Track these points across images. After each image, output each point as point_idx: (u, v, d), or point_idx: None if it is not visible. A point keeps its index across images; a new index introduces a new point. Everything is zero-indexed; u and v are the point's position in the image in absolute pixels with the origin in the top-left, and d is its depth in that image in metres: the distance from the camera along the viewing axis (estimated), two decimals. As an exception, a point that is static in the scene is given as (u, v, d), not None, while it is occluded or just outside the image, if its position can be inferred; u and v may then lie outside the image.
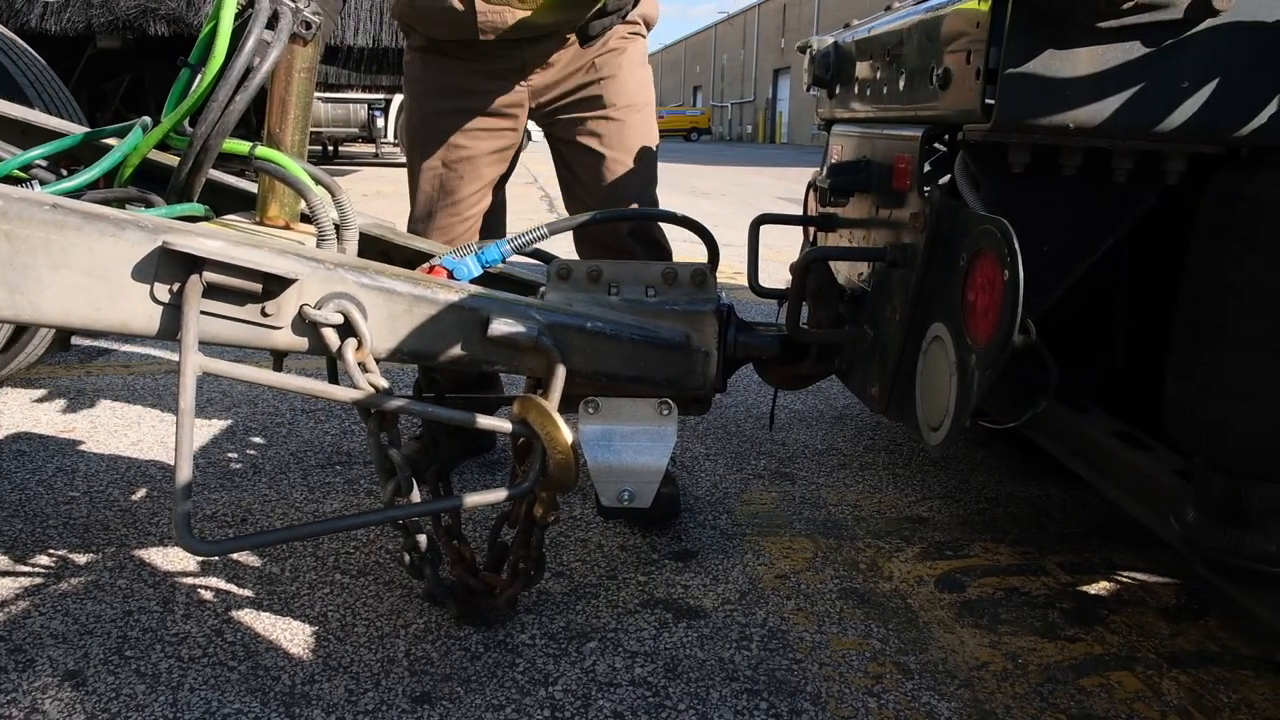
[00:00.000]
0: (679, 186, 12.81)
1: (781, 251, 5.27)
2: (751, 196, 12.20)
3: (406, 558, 1.58)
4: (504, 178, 2.26)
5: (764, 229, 1.94)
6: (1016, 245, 1.11)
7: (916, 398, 1.41)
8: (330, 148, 16.23)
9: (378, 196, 8.67)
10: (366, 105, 14.71)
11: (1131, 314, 1.75)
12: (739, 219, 9.01)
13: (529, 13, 1.93)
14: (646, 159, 2.13)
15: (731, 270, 4.81)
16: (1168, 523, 1.39)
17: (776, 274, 2.47)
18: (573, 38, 2.06)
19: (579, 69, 2.10)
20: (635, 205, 2.12)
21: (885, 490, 2.40)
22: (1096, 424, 1.64)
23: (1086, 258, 1.32)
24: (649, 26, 2.18)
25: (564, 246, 2.07)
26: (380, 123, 14.62)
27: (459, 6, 1.92)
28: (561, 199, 2.29)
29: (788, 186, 13.80)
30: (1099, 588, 1.92)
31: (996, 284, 1.14)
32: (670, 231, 2.14)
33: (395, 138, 14.20)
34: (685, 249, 2.05)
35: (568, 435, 1.41)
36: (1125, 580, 1.96)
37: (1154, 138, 1.20)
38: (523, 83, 2.09)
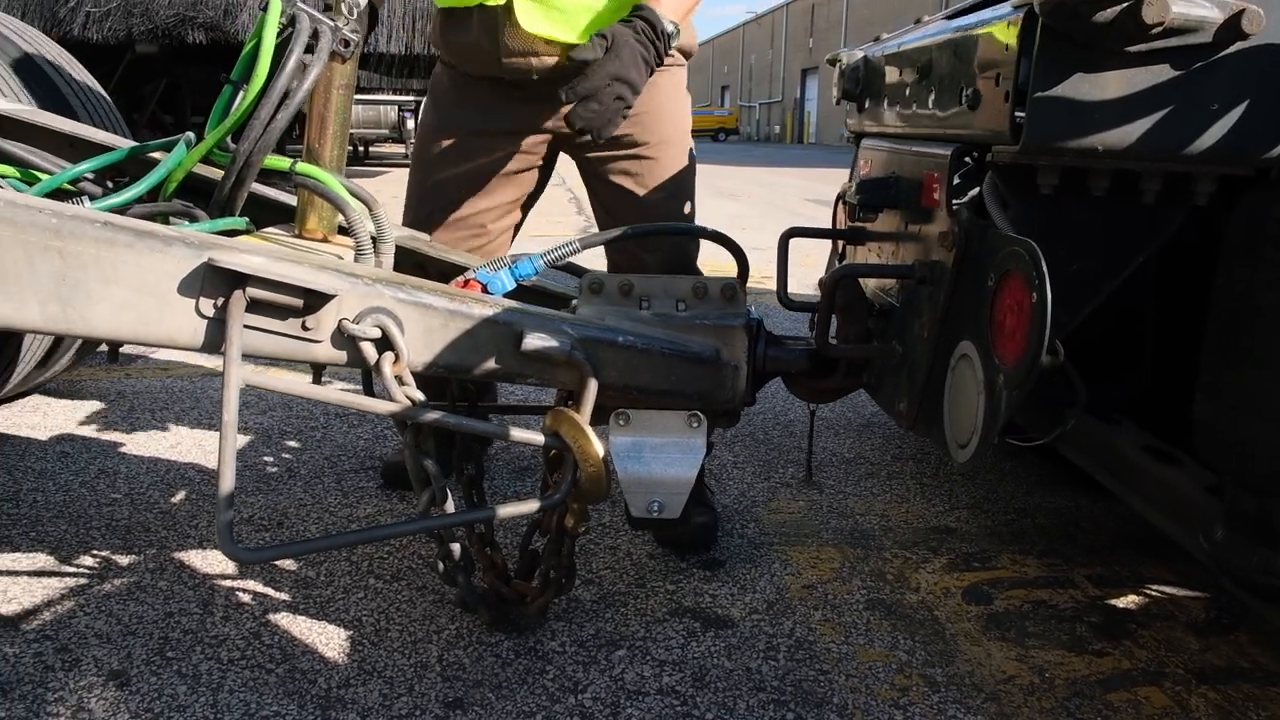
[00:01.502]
0: (706, 188, 12.80)
1: (810, 255, 5.28)
2: (779, 198, 12.19)
3: (440, 565, 1.61)
4: (523, 205, 2.20)
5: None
6: (1045, 268, 1.12)
7: (944, 414, 1.42)
8: (362, 148, 16.41)
9: (408, 198, 8.73)
10: (397, 107, 14.89)
11: (1161, 332, 1.75)
12: (766, 220, 9.01)
13: (555, 58, 1.92)
14: (681, 193, 2.11)
15: (760, 275, 4.82)
16: (1197, 539, 1.39)
17: (806, 278, 2.50)
18: None
19: None
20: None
21: (913, 500, 2.41)
22: (1126, 438, 1.65)
23: (1115, 278, 1.33)
24: (687, 56, 2.13)
25: (597, 259, 2.10)
26: (410, 124, 14.78)
27: (486, 47, 1.93)
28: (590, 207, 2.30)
29: (815, 188, 13.78)
30: (1128, 601, 1.93)
31: (1024, 306, 1.15)
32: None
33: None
34: (712, 254, 2.06)
35: (599, 449, 1.44)
36: (1154, 594, 1.96)
37: (1183, 160, 1.20)
38: (552, 114, 2.04)
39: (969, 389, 1.32)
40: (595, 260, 2.13)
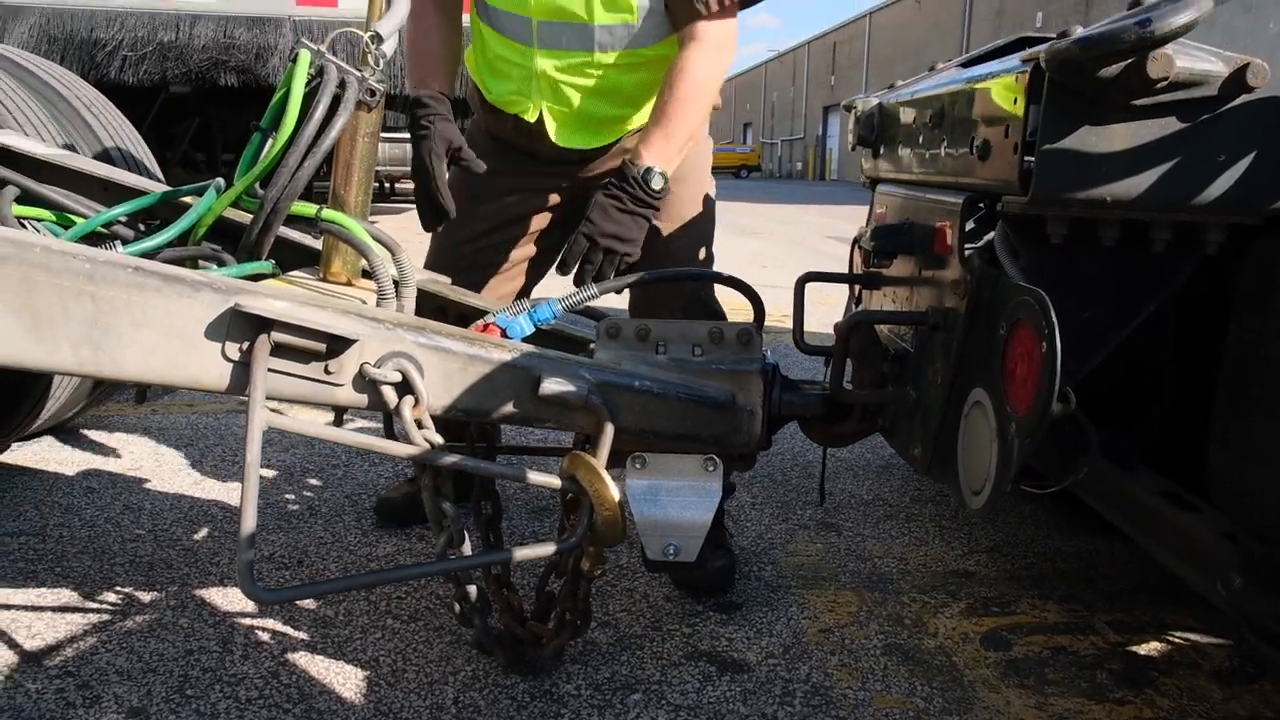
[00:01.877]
0: (728, 225, 12.87)
1: (830, 295, 5.30)
2: (801, 235, 12.23)
3: (456, 606, 1.63)
4: (548, 250, 2.25)
5: (813, 268, 1.97)
6: (1054, 318, 1.13)
7: (958, 461, 1.43)
8: (388, 185, 16.62)
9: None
10: (423, 145, 15.07)
11: (1177, 379, 1.75)
12: (788, 258, 9.04)
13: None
14: (699, 238, 2.15)
15: (779, 313, 4.83)
16: (1215, 586, 1.38)
17: (827, 316, 2.51)
18: None
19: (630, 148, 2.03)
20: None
21: (931, 543, 2.41)
22: (1143, 483, 1.64)
23: (1126, 327, 1.34)
24: (714, 108, 2.16)
25: (618, 301, 2.13)
26: (436, 162, 14.95)
27: (523, 143, 2.09)
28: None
29: (837, 225, 13.81)
30: (1149, 648, 1.91)
31: (1035, 355, 1.17)
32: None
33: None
34: (731, 294, 2.08)
35: (615, 494, 1.45)
36: (1176, 641, 1.94)
37: (1192, 210, 1.22)
38: (582, 172, 2.15)
39: (982, 436, 1.33)
40: (615, 303, 2.16)
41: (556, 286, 1.80)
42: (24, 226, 1.79)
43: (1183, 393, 1.72)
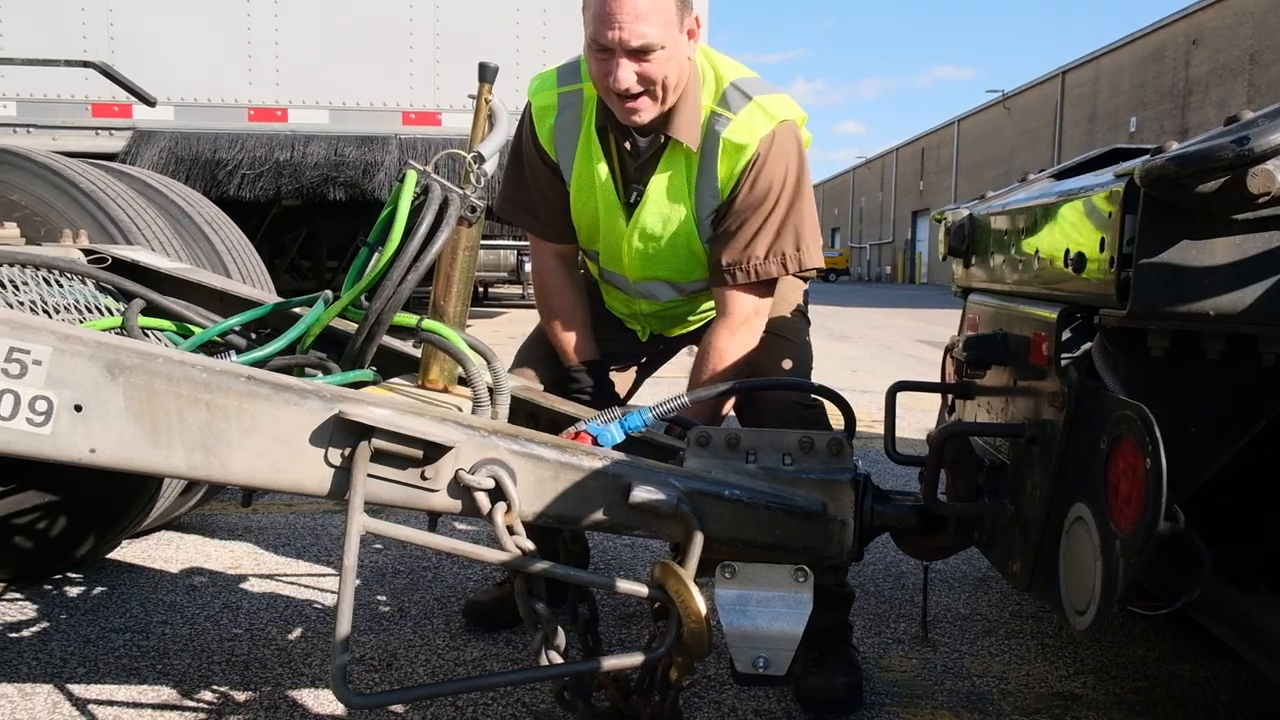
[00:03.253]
0: (818, 329, 12.78)
1: (924, 398, 5.22)
2: (891, 339, 12.12)
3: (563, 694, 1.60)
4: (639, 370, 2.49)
5: (904, 373, 1.95)
6: (1158, 434, 1.10)
7: (1060, 578, 1.38)
8: (483, 289, 17.15)
9: (525, 338, 9.05)
10: (516, 251, 15.60)
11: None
12: (878, 364, 8.95)
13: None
14: (792, 350, 2.23)
15: (871, 419, 4.77)
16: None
17: (920, 421, 2.47)
18: None
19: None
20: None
21: (1034, 661, 2.30)
22: (1264, 605, 1.55)
23: (1237, 441, 1.29)
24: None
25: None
26: (528, 268, 15.49)
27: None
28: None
29: (928, 329, 13.66)
30: (1276, 786, 1.78)
31: (1138, 471, 1.13)
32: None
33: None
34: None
35: (702, 606, 1.44)
36: (1307, 779, 1.80)
37: (1302, 323, 1.18)
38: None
39: (1085, 553, 1.29)
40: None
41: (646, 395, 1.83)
42: (147, 336, 1.91)
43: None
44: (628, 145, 2.10)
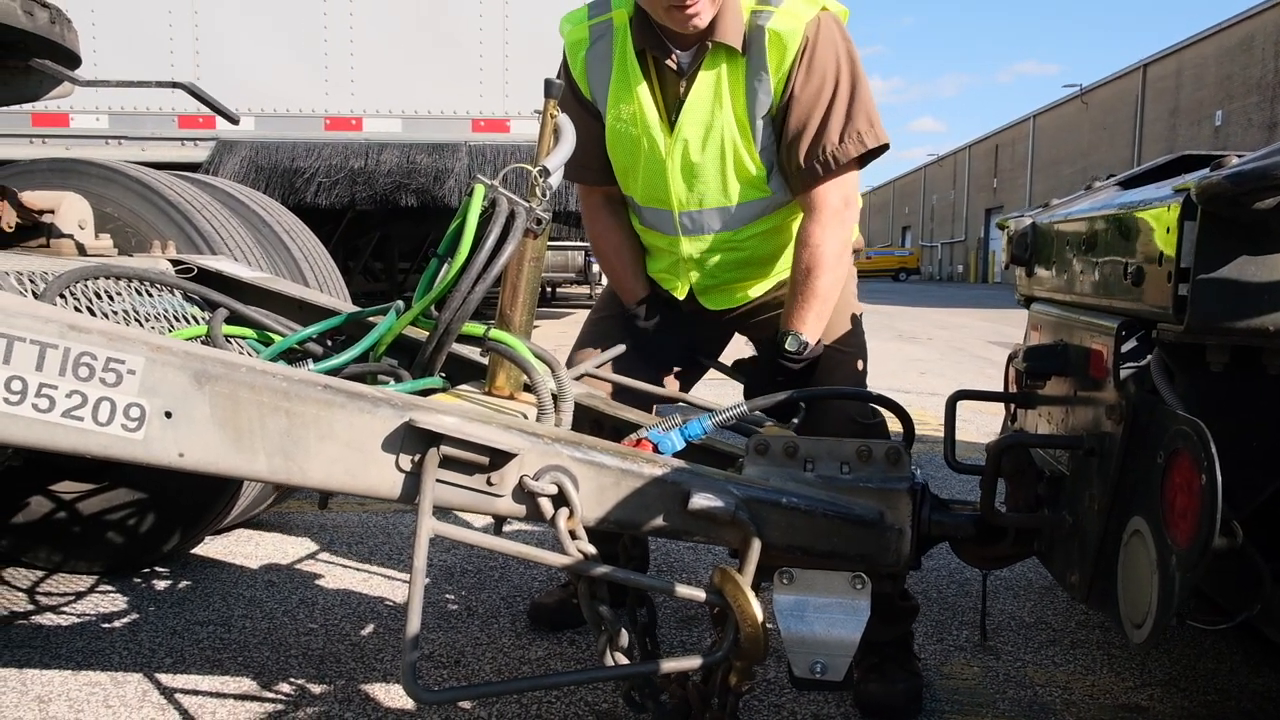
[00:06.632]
0: (885, 329, 12.71)
1: (982, 410, 5.14)
2: (961, 340, 11.93)
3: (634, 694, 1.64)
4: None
5: (974, 375, 1.95)
6: (1214, 450, 1.10)
7: (1118, 591, 1.38)
8: (550, 290, 17.34)
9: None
10: (583, 252, 15.75)
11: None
12: (946, 365, 8.83)
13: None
14: (848, 352, 2.22)
15: (937, 423, 4.72)
16: None
17: (986, 426, 2.46)
18: None
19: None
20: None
21: (1099, 672, 2.28)
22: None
23: (1299, 456, 1.27)
24: (856, 253, 2.33)
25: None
26: (595, 268, 15.61)
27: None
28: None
29: (999, 329, 13.41)
30: (1350, 805, 1.74)
31: (1194, 486, 1.13)
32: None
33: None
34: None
35: (758, 612, 1.47)
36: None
37: (1365, 338, 1.17)
38: (717, 316, 2.38)
39: (1142, 566, 1.29)
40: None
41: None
42: (230, 344, 2.00)
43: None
44: (669, 63, 2.09)
